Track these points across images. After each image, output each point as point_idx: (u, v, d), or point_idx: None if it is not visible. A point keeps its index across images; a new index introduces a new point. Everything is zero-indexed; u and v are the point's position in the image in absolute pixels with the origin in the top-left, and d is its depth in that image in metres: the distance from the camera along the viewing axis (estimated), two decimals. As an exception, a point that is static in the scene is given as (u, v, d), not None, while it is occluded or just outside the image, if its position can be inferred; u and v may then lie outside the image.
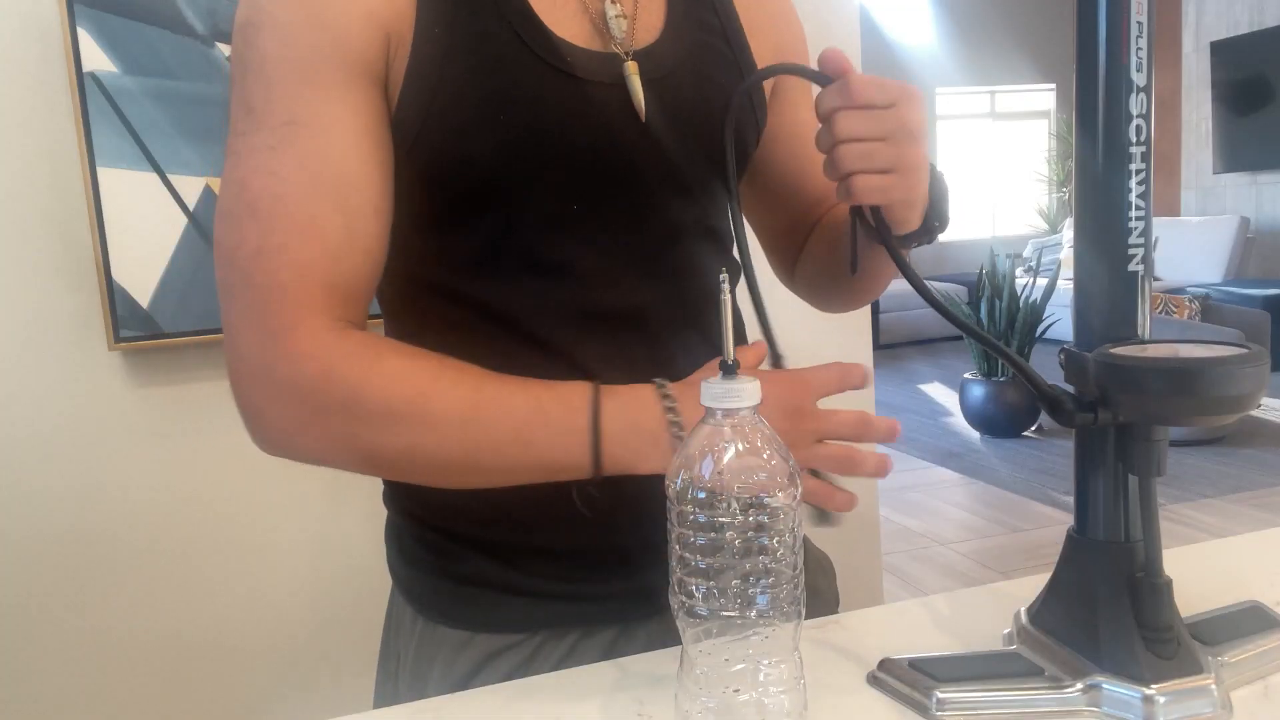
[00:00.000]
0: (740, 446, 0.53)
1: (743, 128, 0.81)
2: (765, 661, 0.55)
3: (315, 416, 0.64)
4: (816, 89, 0.88)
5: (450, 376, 0.65)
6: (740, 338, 0.83)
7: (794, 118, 0.89)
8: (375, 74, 0.67)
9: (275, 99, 0.65)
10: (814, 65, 0.69)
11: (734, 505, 0.52)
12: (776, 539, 0.53)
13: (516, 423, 0.64)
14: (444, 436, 0.64)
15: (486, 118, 0.67)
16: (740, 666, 0.55)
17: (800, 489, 0.55)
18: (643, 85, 0.72)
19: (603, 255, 0.73)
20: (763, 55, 0.83)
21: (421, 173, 0.69)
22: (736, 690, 0.55)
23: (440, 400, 0.64)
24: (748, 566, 0.53)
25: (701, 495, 0.52)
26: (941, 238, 0.75)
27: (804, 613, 0.56)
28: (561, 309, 0.72)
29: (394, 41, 0.67)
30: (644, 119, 0.72)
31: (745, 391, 0.53)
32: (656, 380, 0.66)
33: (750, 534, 0.53)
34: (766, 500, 0.53)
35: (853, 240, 0.73)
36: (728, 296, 0.56)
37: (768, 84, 0.85)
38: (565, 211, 0.71)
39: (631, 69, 0.72)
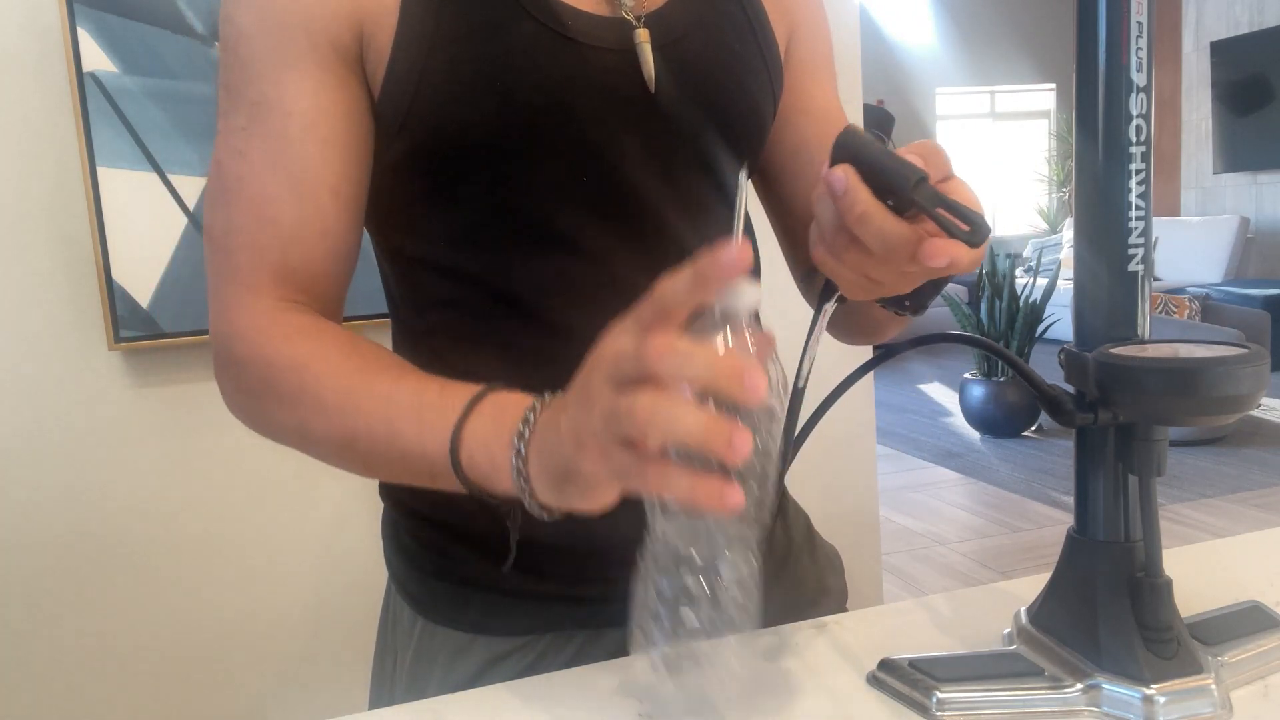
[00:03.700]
0: (729, 345, 0.49)
1: (759, 95, 0.77)
2: (725, 553, 0.53)
3: (240, 390, 0.68)
4: (827, 64, 0.86)
5: (352, 364, 0.64)
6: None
7: (804, 96, 0.83)
8: (346, 53, 0.66)
9: (248, 79, 0.66)
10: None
11: (711, 403, 0.49)
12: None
13: (393, 413, 0.61)
14: (329, 420, 0.63)
15: (482, 82, 0.66)
16: (698, 557, 0.53)
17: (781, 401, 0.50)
18: (653, 51, 0.69)
19: (609, 230, 0.71)
20: (779, 27, 0.79)
21: (418, 145, 0.67)
22: (693, 573, 0.53)
23: (333, 383, 0.63)
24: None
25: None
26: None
27: (770, 523, 0.53)
28: (568, 286, 0.70)
29: (372, 16, 0.65)
30: (653, 90, 0.69)
31: (747, 294, 0.49)
32: (544, 394, 0.56)
33: None
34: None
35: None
36: (744, 192, 0.54)
37: (781, 52, 0.81)
38: (570, 183, 0.69)
39: (642, 36, 0.69)
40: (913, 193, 0.51)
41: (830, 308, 0.62)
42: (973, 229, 0.50)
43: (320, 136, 0.66)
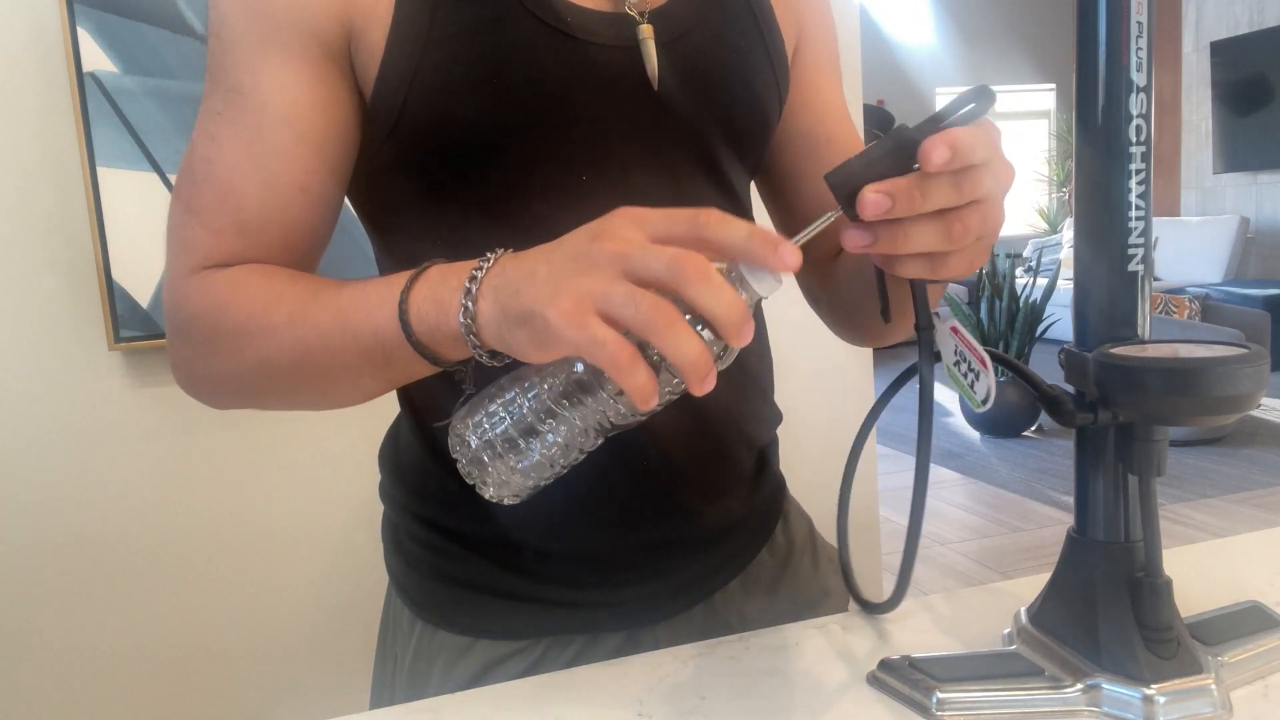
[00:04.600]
0: None
1: (764, 94, 0.76)
2: (584, 428, 0.54)
3: (196, 353, 0.67)
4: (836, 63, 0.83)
5: (299, 287, 0.63)
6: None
7: (812, 95, 0.81)
8: (332, 49, 0.65)
9: (228, 64, 0.65)
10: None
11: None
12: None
13: (342, 309, 0.61)
14: (282, 339, 0.62)
15: (479, 78, 0.64)
16: (567, 415, 0.54)
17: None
18: (657, 48, 0.68)
19: None
20: (787, 27, 0.78)
21: (413, 145, 0.66)
22: (553, 424, 0.54)
23: (282, 307, 0.62)
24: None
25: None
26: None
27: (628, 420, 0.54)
28: None
29: (363, 12, 0.64)
30: (656, 87, 0.68)
31: (767, 282, 0.51)
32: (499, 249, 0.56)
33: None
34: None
35: (881, 288, 0.66)
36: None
37: (789, 52, 0.80)
38: (570, 182, 0.68)
39: (646, 32, 0.68)
40: (917, 135, 0.52)
41: (941, 328, 0.63)
42: (978, 98, 0.53)
43: (295, 132, 0.65)
